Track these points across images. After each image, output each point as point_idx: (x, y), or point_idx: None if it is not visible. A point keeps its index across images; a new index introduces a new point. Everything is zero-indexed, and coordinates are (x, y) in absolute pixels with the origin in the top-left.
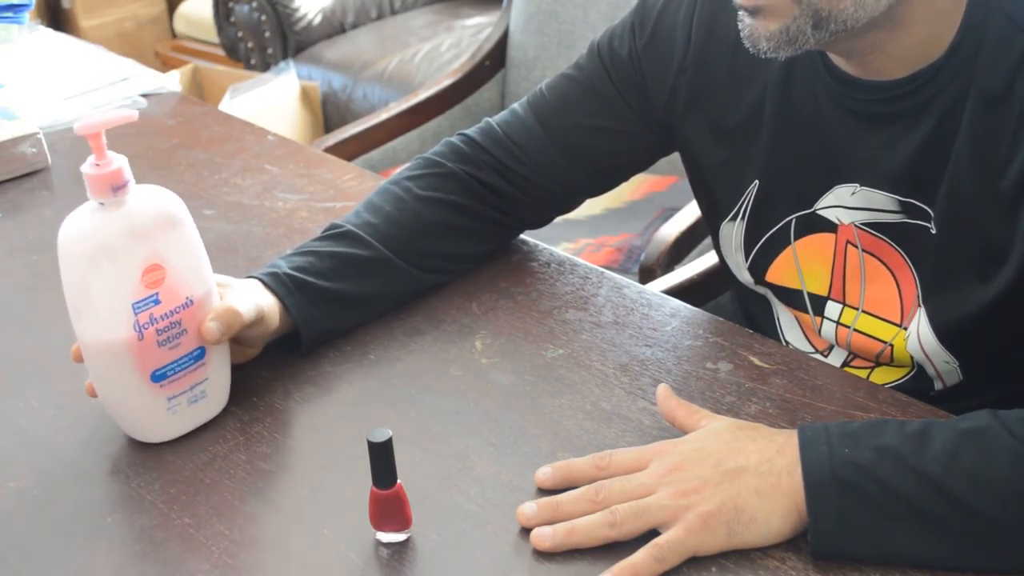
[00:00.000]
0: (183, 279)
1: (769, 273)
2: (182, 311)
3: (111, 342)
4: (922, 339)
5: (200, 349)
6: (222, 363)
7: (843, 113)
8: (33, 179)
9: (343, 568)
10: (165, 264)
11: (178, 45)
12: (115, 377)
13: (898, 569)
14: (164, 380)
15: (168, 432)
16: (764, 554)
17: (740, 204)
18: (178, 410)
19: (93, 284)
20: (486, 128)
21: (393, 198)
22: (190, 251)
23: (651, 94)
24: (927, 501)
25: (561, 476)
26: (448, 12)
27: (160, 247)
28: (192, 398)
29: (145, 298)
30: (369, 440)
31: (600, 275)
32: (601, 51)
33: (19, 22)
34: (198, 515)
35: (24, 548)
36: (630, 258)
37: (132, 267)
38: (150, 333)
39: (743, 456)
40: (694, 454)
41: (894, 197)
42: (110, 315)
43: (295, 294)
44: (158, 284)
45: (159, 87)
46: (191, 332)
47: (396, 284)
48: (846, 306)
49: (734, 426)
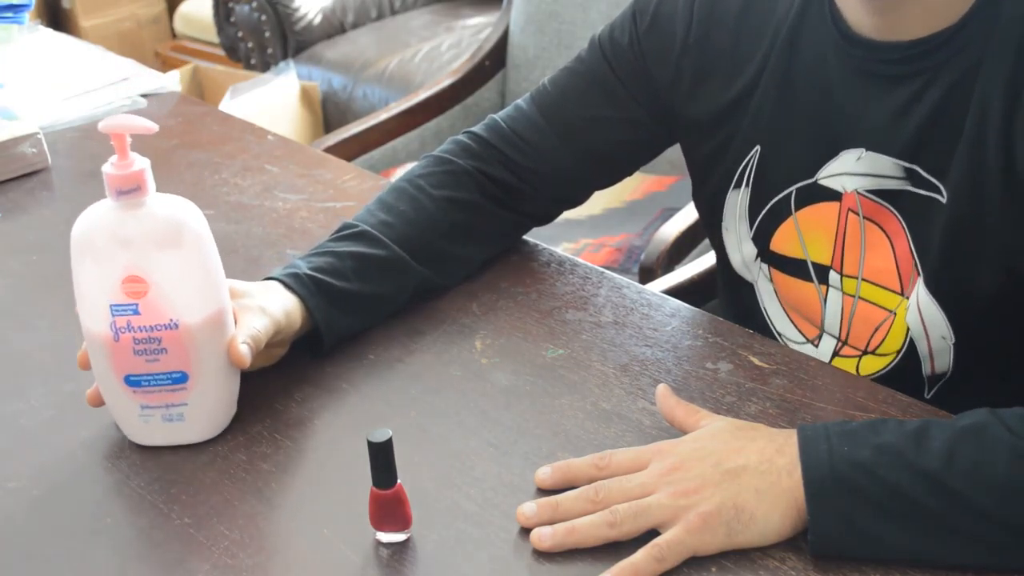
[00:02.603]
0: (169, 300)
1: (773, 242)
2: (164, 331)
3: (93, 333)
4: (922, 308)
5: (182, 374)
6: (210, 396)
7: (853, 75)
8: (33, 179)
9: (343, 568)
10: (148, 279)
11: (178, 45)
12: (97, 367)
13: (897, 569)
14: (138, 388)
15: (141, 437)
16: (764, 554)
17: (743, 170)
18: (150, 421)
19: (81, 273)
20: (491, 124)
21: (408, 197)
22: (188, 276)
23: (654, 79)
24: (926, 498)
25: (561, 476)
26: (448, 12)
27: (146, 263)
28: (167, 416)
29: (123, 304)
30: (369, 440)
31: (600, 275)
32: (602, 42)
33: (19, 22)
34: (198, 515)
35: (24, 548)
36: (630, 258)
37: (112, 271)
38: (126, 338)
39: (743, 456)
40: (694, 454)
41: (900, 163)
42: (92, 307)
43: (317, 296)
44: (139, 296)
45: (159, 87)
46: (173, 353)
47: (410, 285)
48: (844, 276)
49: (733, 426)
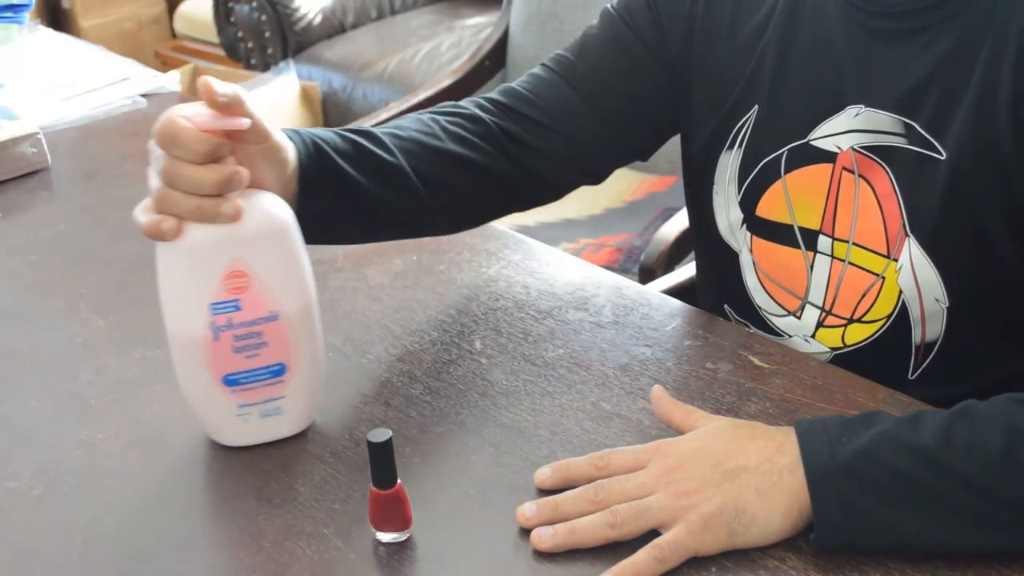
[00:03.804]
0: (271, 292)
1: (760, 207)
2: (264, 323)
3: (187, 337)
4: (916, 270)
5: (280, 365)
6: (305, 386)
7: (856, 31)
8: (33, 179)
9: (343, 568)
10: (250, 272)
11: (178, 45)
12: (189, 372)
13: (898, 569)
14: (236, 387)
15: (236, 438)
16: (764, 554)
17: (738, 130)
18: (248, 419)
19: (176, 275)
20: (505, 89)
21: (418, 122)
22: (286, 266)
23: (668, 32)
24: (926, 478)
25: (560, 476)
26: (448, 12)
27: (249, 255)
28: (265, 412)
29: (225, 301)
30: (369, 440)
31: (600, 275)
32: (617, 8)
33: (19, 22)
34: (198, 515)
35: (24, 548)
36: (630, 258)
37: (214, 269)
38: (226, 337)
39: (743, 456)
40: (693, 454)
41: (898, 118)
42: (188, 310)
43: (310, 149)
44: (241, 291)
45: (159, 87)
46: (273, 346)
47: (406, 201)
48: (835, 239)
49: (732, 425)
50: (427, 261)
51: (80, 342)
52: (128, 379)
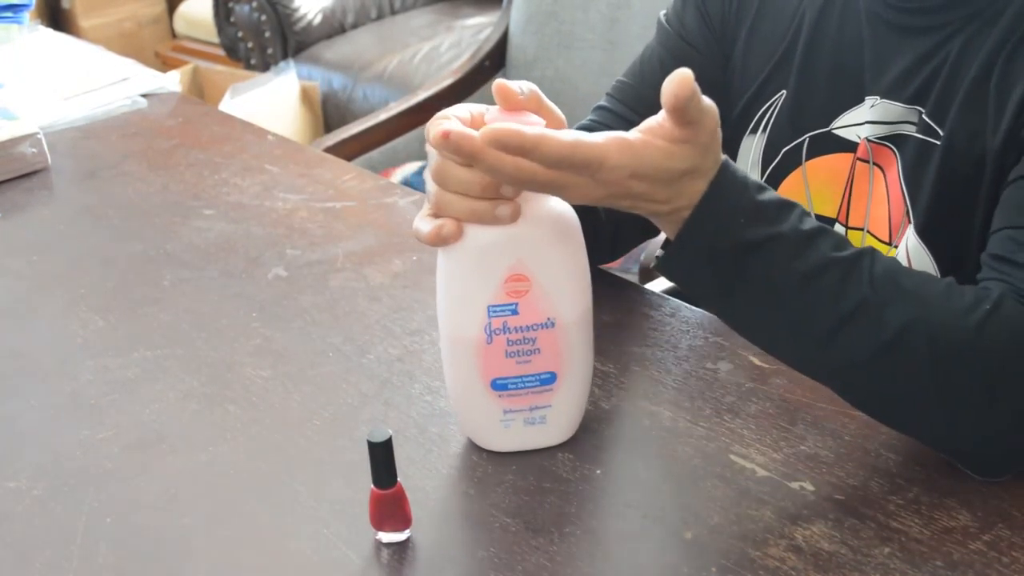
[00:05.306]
0: (549, 298)
1: (779, 192)
2: (540, 330)
3: (460, 337)
4: (911, 255)
5: (551, 374)
6: (573, 397)
7: (879, 24)
8: (33, 179)
9: (343, 568)
10: (531, 277)
11: (178, 45)
12: (459, 373)
13: (898, 570)
14: (504, 391)
15: (498, 444)
16: (764, 554)
17: (764, 114)
18: (512, 426)
19: (457, 275)
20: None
21: None
22: (569, 272)
23: (717, 31)
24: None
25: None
26: (448, 12)
27: (532, 260)
28: (529, 419)
29: (503, 304)
30: (369, 440)
31: (600, 275)
32: (668, 19)
33: (19, 22)
34: (198, 515)
35: (24, 548)
36: (630, 258)
37: (496, 270)
38: (500, 340)
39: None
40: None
41: (909, 107)
42: (465, 310)
43: None
44: (520, 295)
45: (159, 87)
46: (545, 354)
47: None
48: (849, 228)
49: (690, 154)
50: (427, 261)
51: (80, 342)
52: (128, 379)
